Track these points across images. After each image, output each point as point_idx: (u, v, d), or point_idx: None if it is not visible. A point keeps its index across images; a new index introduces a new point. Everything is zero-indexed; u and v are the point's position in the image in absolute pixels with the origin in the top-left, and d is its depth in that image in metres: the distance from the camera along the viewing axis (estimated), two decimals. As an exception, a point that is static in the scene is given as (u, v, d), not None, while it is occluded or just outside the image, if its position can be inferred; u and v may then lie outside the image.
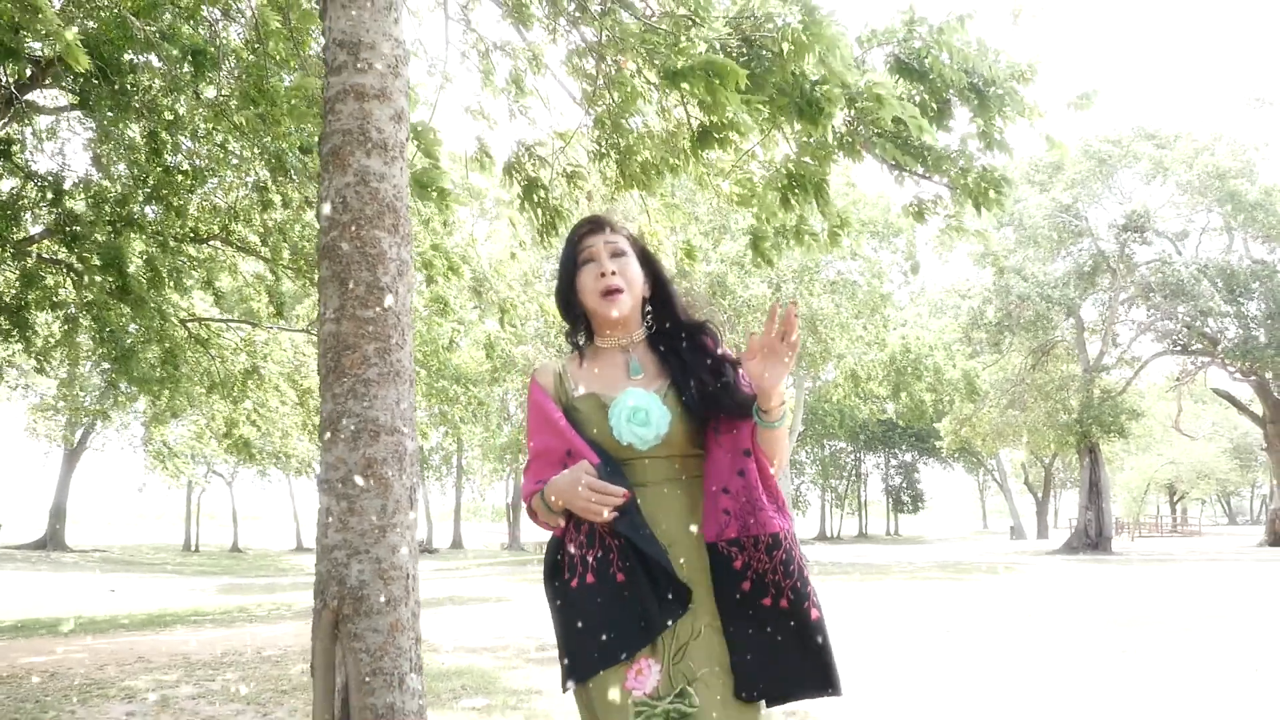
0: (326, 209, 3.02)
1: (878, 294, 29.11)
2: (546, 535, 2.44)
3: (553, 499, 2.25)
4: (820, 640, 2.26)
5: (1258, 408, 35.96)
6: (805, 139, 4.99)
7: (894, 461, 73.42)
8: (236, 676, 8.19)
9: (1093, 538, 34.14)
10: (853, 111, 4.65)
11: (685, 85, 4.15)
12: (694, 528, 2.33)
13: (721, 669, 2.22)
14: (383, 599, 2.86)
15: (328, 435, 2.94)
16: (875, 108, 4.26)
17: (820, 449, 68.31)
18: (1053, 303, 33.44)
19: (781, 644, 2.25)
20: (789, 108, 4.43)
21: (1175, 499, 75.87)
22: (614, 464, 2.32)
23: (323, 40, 3.24)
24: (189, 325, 14.97)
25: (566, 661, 2.28)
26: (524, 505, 2.43)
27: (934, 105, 4.62)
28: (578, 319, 2.50)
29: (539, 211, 6.02)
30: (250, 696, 7.15)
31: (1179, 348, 36.20)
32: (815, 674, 2.25)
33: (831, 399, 32.64)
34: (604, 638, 2.20)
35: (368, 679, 2.80)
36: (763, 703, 2.27)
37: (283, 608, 15.98)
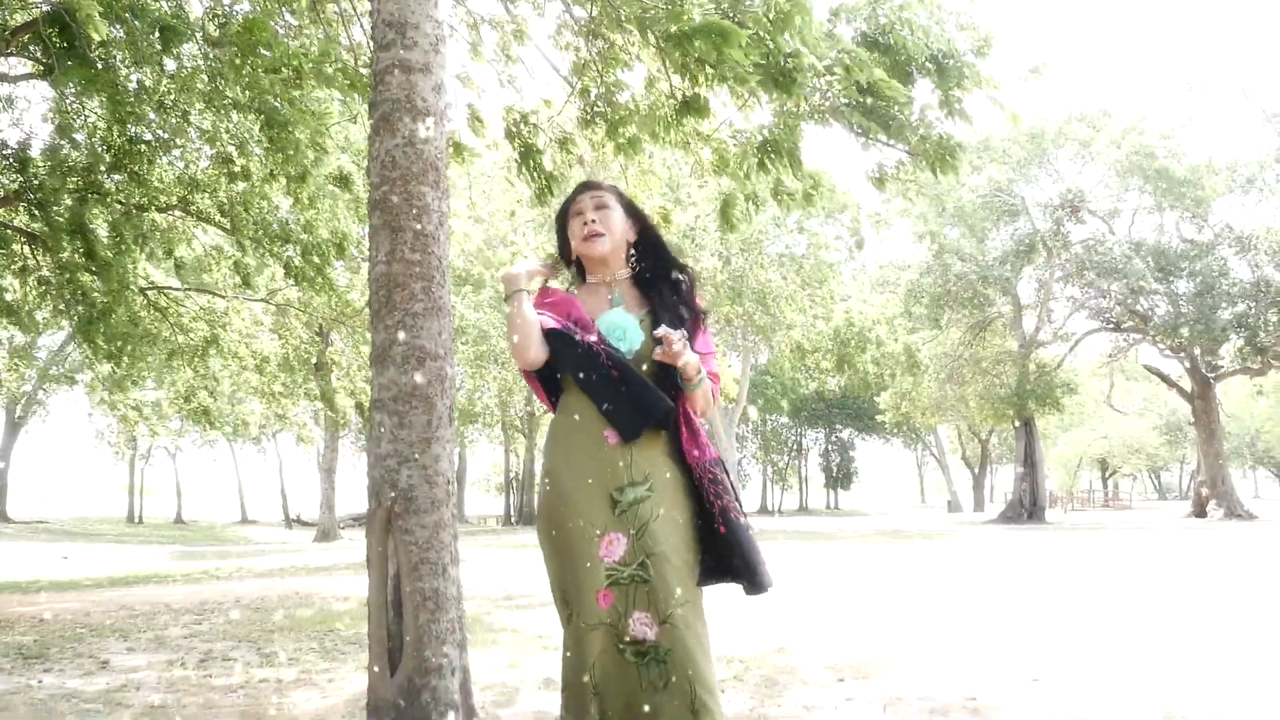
0: (378, 167, 3.47)
1: (824, 266, 29.78)
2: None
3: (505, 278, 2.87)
4: (730, 542, 2.78)
5: (1187, 384, 36.98)
6: (780, 107, 5.50)
7: (833, 437, 74.37)
8: (223, 621, 8.56)
9: (1027, 508, 35.20)
10: (823, 81, 5.16)
11: (691, 46, 4.61)
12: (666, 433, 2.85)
13: (676, 549, 2.73)
14: (428, 499, 3.33)
15: (380, 360, 3.39)
16: (846, 75, 4.77)
17: (762, 424, 68.99)
18: (989, 281, 34.29)
19: (718, 542, 2.78)
20: (766, 80, 4.92)
21: (1107, 474, 77.74)
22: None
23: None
24: (148, 294, 15.18)
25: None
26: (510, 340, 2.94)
27: (897, 76, 5.12)
28: (572, 263, 3.10)
29: (535, 175, 6.49)
30: (242, 635, 7.54)
31: (1111, 325, 37.16)
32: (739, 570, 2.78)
33: (776, 372, 33.20)
34: (606, 407, 2.77)
35: (417, 567, 3.27)
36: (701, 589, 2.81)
37: (244, 570, 16.23)
